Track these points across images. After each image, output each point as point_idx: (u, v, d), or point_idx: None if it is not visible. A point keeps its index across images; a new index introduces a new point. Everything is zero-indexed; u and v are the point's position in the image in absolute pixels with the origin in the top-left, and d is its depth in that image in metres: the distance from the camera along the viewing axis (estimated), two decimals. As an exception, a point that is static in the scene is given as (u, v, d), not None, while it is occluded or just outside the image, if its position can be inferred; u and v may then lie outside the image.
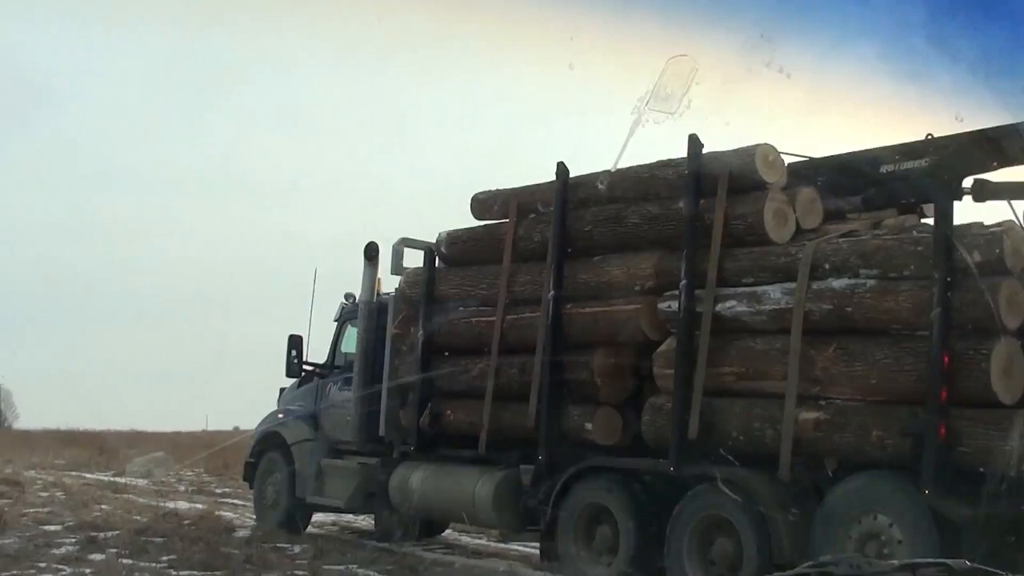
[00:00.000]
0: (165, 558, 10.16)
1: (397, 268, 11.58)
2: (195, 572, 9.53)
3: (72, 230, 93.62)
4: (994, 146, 7.74)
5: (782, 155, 8.63)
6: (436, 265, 11.08)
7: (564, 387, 9.46)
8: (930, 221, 7.84)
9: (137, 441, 34.67)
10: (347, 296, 12.43)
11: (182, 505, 15.32)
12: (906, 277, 7.32)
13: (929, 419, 6.97)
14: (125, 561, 9.91)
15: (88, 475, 22.97)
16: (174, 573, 9.45)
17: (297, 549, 11.04)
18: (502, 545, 12.08)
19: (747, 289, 8.20)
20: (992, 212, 7.88)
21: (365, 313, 11.86)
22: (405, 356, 11.18)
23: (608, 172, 9.50)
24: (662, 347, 8.71)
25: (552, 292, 9.53)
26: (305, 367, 12.73)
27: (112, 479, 22.01)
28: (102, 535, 11.63)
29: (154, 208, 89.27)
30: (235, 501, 16.74)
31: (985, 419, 6.93)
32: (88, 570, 9.39)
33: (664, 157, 9.13)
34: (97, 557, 10.18)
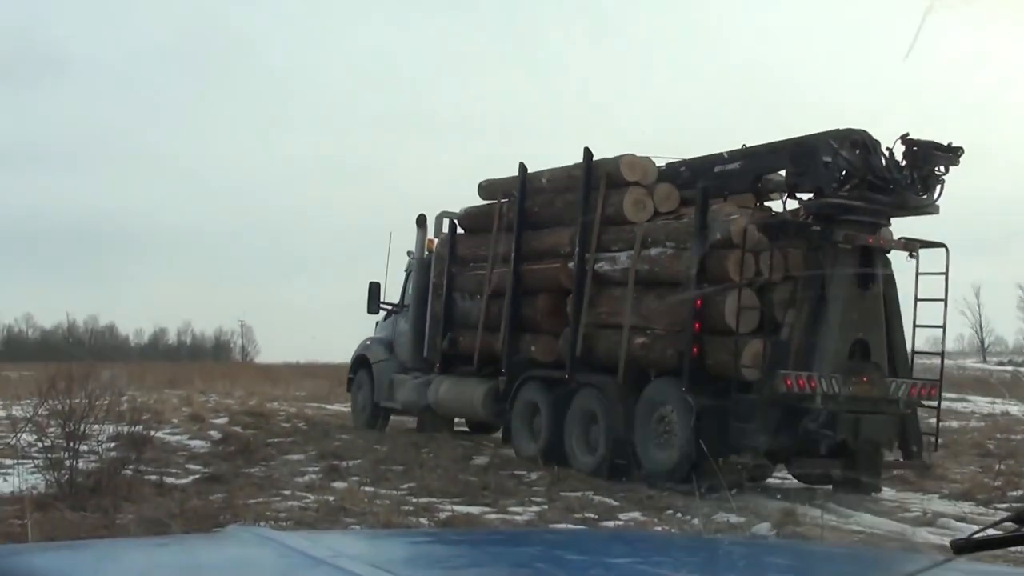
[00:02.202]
0: (405, 486, 10.41)
1: (438, 233, 15.74)
2: (434, 499, 9.70)
3: (306, 171, 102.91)
4: (780, 155, 11.07)
5: (656, 158, 12.25)
6: (457, 232, 15.15)
7: (521, 321, 13.40)
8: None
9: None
10: (409, 253, 16.68)
11: (418, 435, 15.54)
12: (686, 248, 10.90)
13: (687, 342, 10.60)
14: (367, 489, 10.04)
15: (328, 407, 23.17)
16: (414, 500, 9.60)
17: (534, 476, 11.34)
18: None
19: (611, 254, 11.95)
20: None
21: (417, 267, 16.13)
22: (440, 299, 15.34)
23: (549, 170, 13.35)
24: (572, 294, 12.53)
25: (514, 254, 13.47)
26: (383, 306, 17.12)
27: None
28: (344, 464, 11.79)
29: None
30: (464, 428, 16.33)
31: (722, 343, 10.50)
32: (331, 498, 9.43)
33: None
34: (339, 485, 10.32)
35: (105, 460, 9.85)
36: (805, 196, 10.54)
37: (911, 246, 10.51)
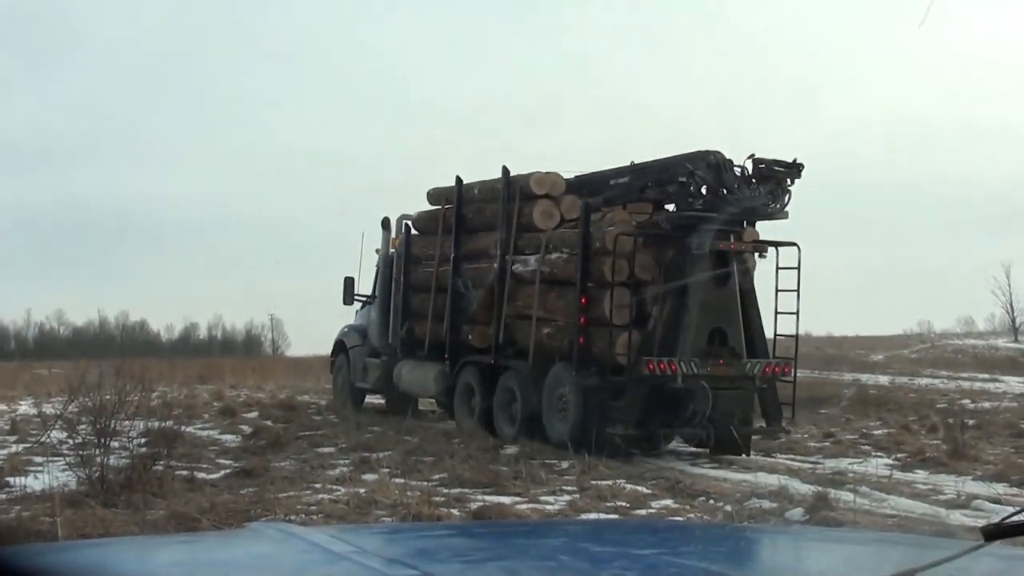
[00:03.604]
0: (436, 476, 10.49)
1: (399, 233, 17.85)
2: (465, 490, 9.74)
3: (334, 163, 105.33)
4: (652, 173, 13.00)
5: (565, 172, 14.27)
6: (412, 233, 17.25)
7: (461, 312, 15.50)
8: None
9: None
10: (376, 251, 18.80)
11: (449, 424, 15.72)
12: (576, 253, 12.93)
13: (575, 333, 12.66)
14: (397, 480, 10.03)
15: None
16: (445, 491, 9.62)
17: (565, 464, 11.36)
18: (765, 459, 12.48)
19: (525, 257, 14.03)
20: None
21: (382, 264, 18.27)
22: (399, 292, 17.45)
23: (480, 182, 15.39)
24: (496, 290, 14.61)
25: (453, 254, 15.56)
26: (357, 298, 19.28)
27: (383, 401, 20.76)
28: (374, 456, 11.86)
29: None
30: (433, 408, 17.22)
31: (602, 333, 12.54)
32: (362, 490, 9.40)
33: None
34: (370, 477, 10.36)
35: (136, 456, 9.86)
36: (670, 208, 12.52)
37: (760, 248, 12.47)
